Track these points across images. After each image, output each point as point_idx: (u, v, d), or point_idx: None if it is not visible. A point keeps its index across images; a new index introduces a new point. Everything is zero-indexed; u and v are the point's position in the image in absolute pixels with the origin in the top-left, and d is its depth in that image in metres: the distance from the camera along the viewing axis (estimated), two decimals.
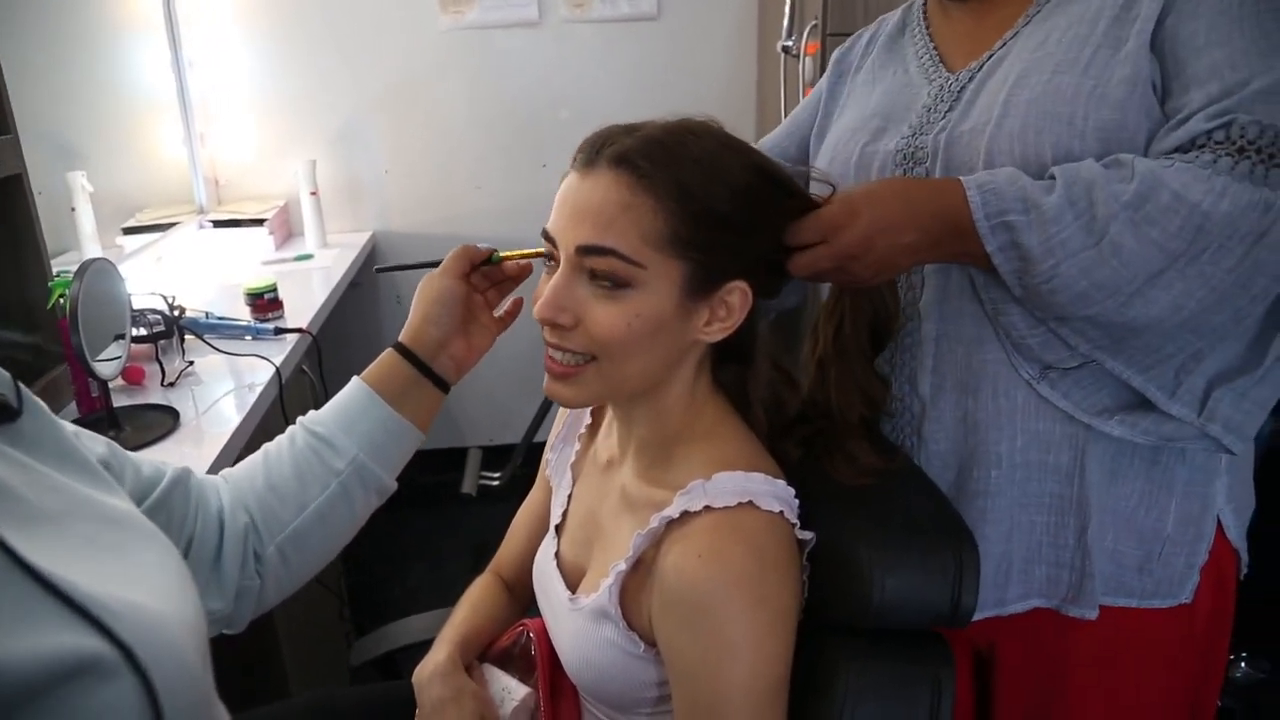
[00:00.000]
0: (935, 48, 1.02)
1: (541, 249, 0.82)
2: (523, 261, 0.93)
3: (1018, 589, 0.96)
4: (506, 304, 0.95)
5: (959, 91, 0.95)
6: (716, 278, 0.78)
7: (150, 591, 0.55)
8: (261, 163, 2.70)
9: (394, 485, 0.89)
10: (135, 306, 1.64)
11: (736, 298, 0.79)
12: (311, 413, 0.88)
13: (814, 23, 2.12)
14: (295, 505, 0.83)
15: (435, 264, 0.91)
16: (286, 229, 2.70)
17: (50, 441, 0.64)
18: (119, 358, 1.44)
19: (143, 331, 1.62)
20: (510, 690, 0.92)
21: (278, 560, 0.83)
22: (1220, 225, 0.76)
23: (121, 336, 1.49)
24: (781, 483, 0.79)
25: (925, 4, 1.07)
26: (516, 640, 0.96)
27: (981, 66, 0.95)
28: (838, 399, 0.87)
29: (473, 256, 0.91)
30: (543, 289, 0.79)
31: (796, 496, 0.80)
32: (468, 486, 2.80)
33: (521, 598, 1.04)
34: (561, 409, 1.03)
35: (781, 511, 0.76)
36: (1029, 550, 0.95)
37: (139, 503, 0.74)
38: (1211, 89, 0.80)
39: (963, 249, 0.83)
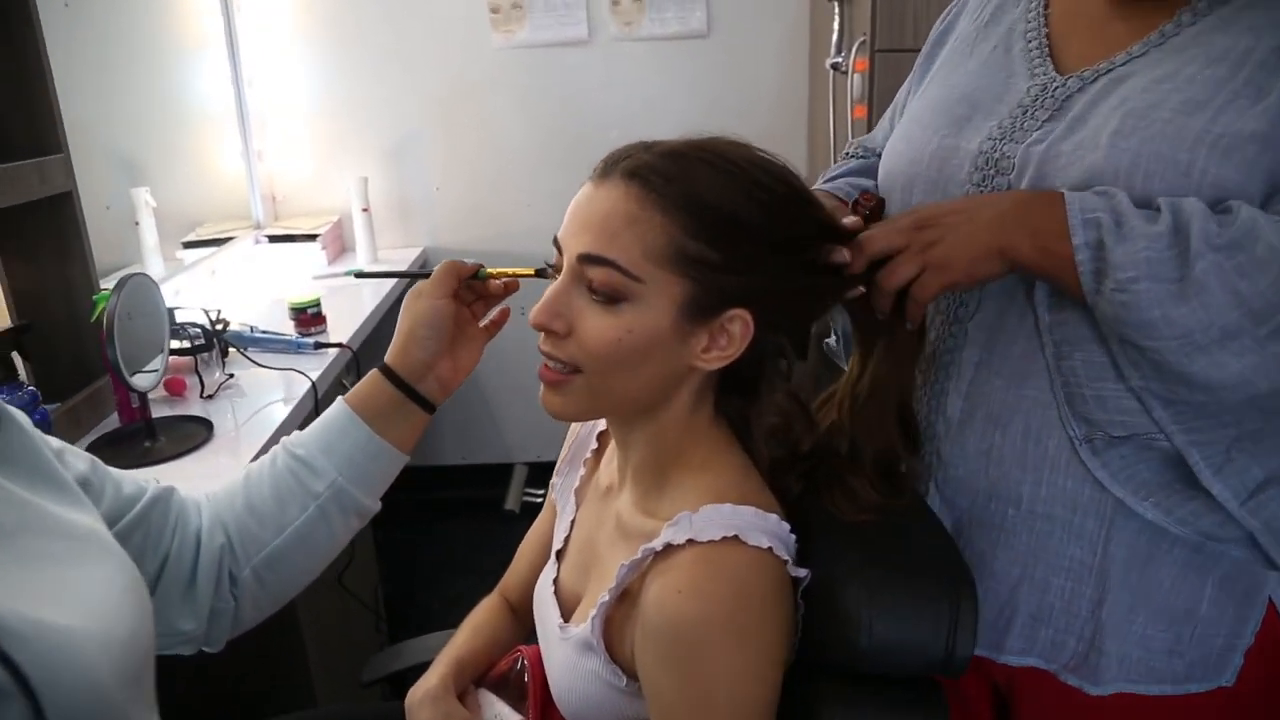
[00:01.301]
0: (1048, 34, 0.90)
1: (529, 269, 0.80)
2: (507, 281, 0.92)
3: (1019, 642, 0.89)
4: (494, 314, 0.94)
5: (1065, 100, 0.84)
6: (718, 302, 0.75)
7: (74, 609, 0.55)
8: (317, 179, 2.76)
9: (375, 507, 0.89)
10: (178, 320, 1.68)
11: (738, 326, 0.76)
12: (295, 433, 0.88)
13: (863, 39, 2.08)
14: (274, 527, 0.83)
15: (420, 274, 0.90)
16: (340, 244, 2.75)
17: (24, 457, 0.65)
18: (157, 370, 1.48)
19: (185, 344, 1.66)
20: (502, 717, 0.90)
21: (254, 583, 0.83)
22: None
23: (163, 350, 1.53)
24: (774, 517, 0.76)
25: None
26: (512, 666, 0.95)
27: (1097, 79, 0.83)
28: (866, 438, 0.83)
29: (460, 272, 0.89)
30: None
31: (793, 532, 0.77)
32: (511, 503, 2.81)
33: (526, 622, 1.03)
34: (570, 431, 1.02)
35: (770, 548, 0.73)
36: (1039, 609, 0.88)
37: (117, 519, 0.75)
38: None
39: (1040, 246, 0.76)
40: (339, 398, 0.89)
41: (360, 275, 1.04)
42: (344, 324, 2.06)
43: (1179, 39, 0.81)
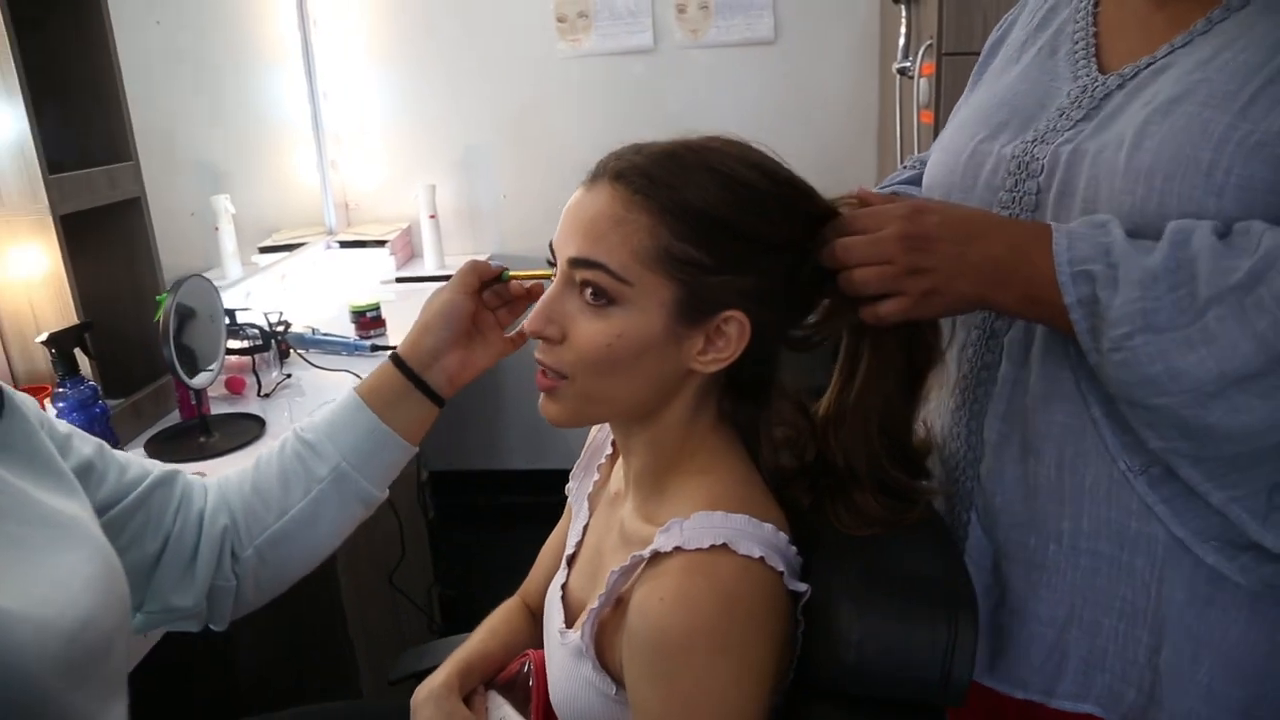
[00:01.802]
0: (1095, 35, 0.85)
1: (550, 271, 0.80)
2: (531, 284, 0.92)
3: (1071, 686, 0.83)
4: (519, 326, 0.94)
5: (1103, 99, 0.79)
6: (710, 304, 0.74)
7: (22, 595, 0.56)
8: (387, 187, 2.83)
9: (380, 495, 0.89)
10: (239, 321, 1.74)
11: (733, 328, 0.74)
12: (307, 418, 0.89)
13: (929, 42, 2.03)
14: (277, 509, 0.84)
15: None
16: (409, 251, 2.81)
17: (22, 443, 0.67)
18: (213, 369, 1.53)
19: (245, 345, 1.72)
20: (507, 718, 0.90)
21: (256, 561, 0.85)
22: None
23: (220, 349, 1.58)
24: (770, 527, 0.73)
25: None
26: (520, 669, 0.94)
27: (1136, 74, 0.78)
28: (844, 456, 0.79)
29: (482, 273, 0.89)
30: None
31: (794, 543, 0.75)
32: None
33: (542, 625, 1.03)
34: (589, 435, 1.01)
35: (762, 557, 0.70)
36: (1091, 653, 0.81)
37: (118, 500, 0.78)
38: None
39: (1030, 294, 0.71)
40: (351, 387, 0.90)
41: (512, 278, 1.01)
42: (404, 327, 2.09)
43: (1226, 24, 0.75)
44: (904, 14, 2.23)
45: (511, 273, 0.91)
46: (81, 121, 1.52)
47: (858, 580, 0.70)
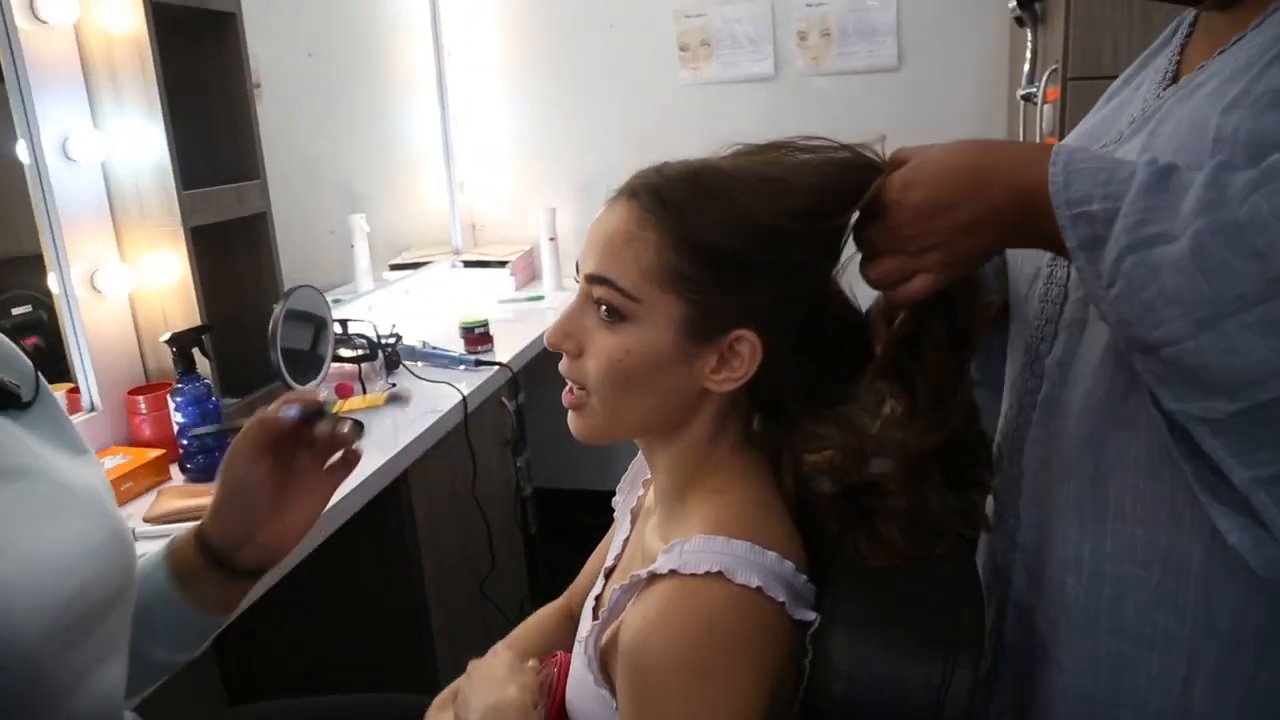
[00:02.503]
0: (1179, 58, 0.83)
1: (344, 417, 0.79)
2: (342, 431, 0.80)
3: None
4: (339, 456, 0.84)
5: (1155, 113, 0.76)
6: (720, 323, 0.73)
7: (40, 553, 0.61)
8: (511, 210, 2.93)
9: (177, 662, 0.83)
10: (351, 331, 1.84)
11: (745, 348, 0.74)
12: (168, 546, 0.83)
13: (1054, 67, 1.95)
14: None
15: (232, 429, 0.79)
16: (530, 271, 2.90)
17: (52, 422, 0.74)
18: (317, 376, 1.62)
19: (354, 354, 1.81)
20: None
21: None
22: None
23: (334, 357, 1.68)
24: (774, 555, 0.71)
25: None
26: (549, 670, 0.95)
27: (1189, 85, 0.75)
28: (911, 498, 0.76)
29: (272, 427, 0.79)
30: None
31: (810, 571, 0.73)
32: None
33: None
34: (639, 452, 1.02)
35: (760, 587, 0.69)
36: (1116, 690, 0.75)
37: None
38: None
39: (1041, 237, 0.67)
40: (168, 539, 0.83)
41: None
42: (510, 345, 2.17)
43: (1262, 26, 0.70)
44: (1029, 38, 2.15)
45: (336, 407, 0.85)
46: (216, 142, 1.65)
47: (860, 611, 0.68)
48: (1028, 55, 2.14)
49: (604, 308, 0.74)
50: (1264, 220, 0.56)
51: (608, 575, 0.95)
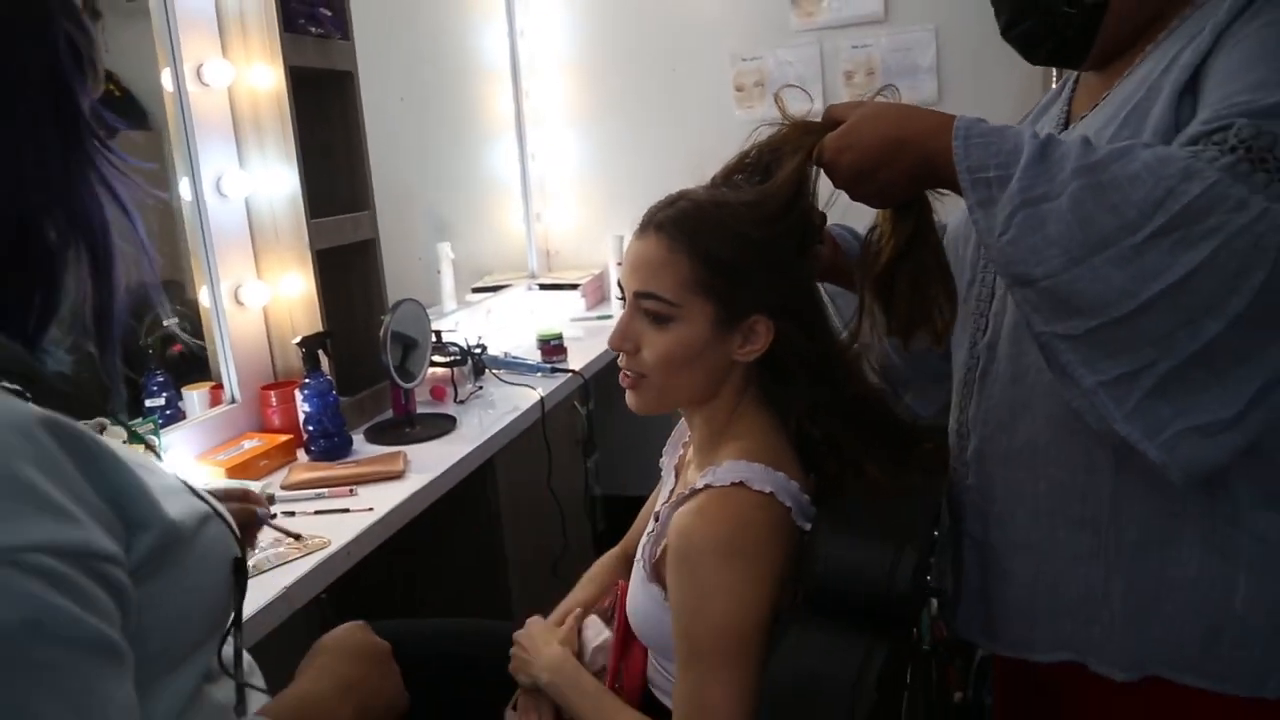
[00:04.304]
0: (1069, 107, 1.05)
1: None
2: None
3: (1046, 638, 0.98)
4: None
5: None
6: (739, 312, 0.98)
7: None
8: (582, 237, 3.22)
9: None
10: (445, 340, 2.12)
11: (761, 327, 0.99)
12: None
13: None
14: None
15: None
16: (599, 294, 3.16)
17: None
18: (418, 376, 1.90)
19: (447, 360, 2.09)
20: (600, 634, 1.15)
21: None
22: (1187, 208, 0.73)
23: (425, 360, 1.96)
24: (782, 475, 0.95)
25: None
26: (614, 597, 1.19)
27: (1073, 128, 0.99)
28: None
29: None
30: None
31: (805, 492, 0.96)
32: None
33: None
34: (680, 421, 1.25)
35: (772, 493, 0.93)
36: (1057, 602, 0.97)
37: None
38: (1219, 105, 0.80)
39: (946, 186, 0.88)
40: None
41: None
42: (582, 355, 2.43)
43: (1121, 83, 0.94)
44: (1055, 75, 2.34)
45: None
46: (335, 178, 1.95)
47: (841, 520, 0.91)
48: (1052, 86, 2.33)
49: (652, 315, 0.99)
50: (1118, 183, 0.77)
51: (657, 518, 1.19)
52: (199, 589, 0.68)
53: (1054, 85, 2.41)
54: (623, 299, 1.04)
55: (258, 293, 1.83)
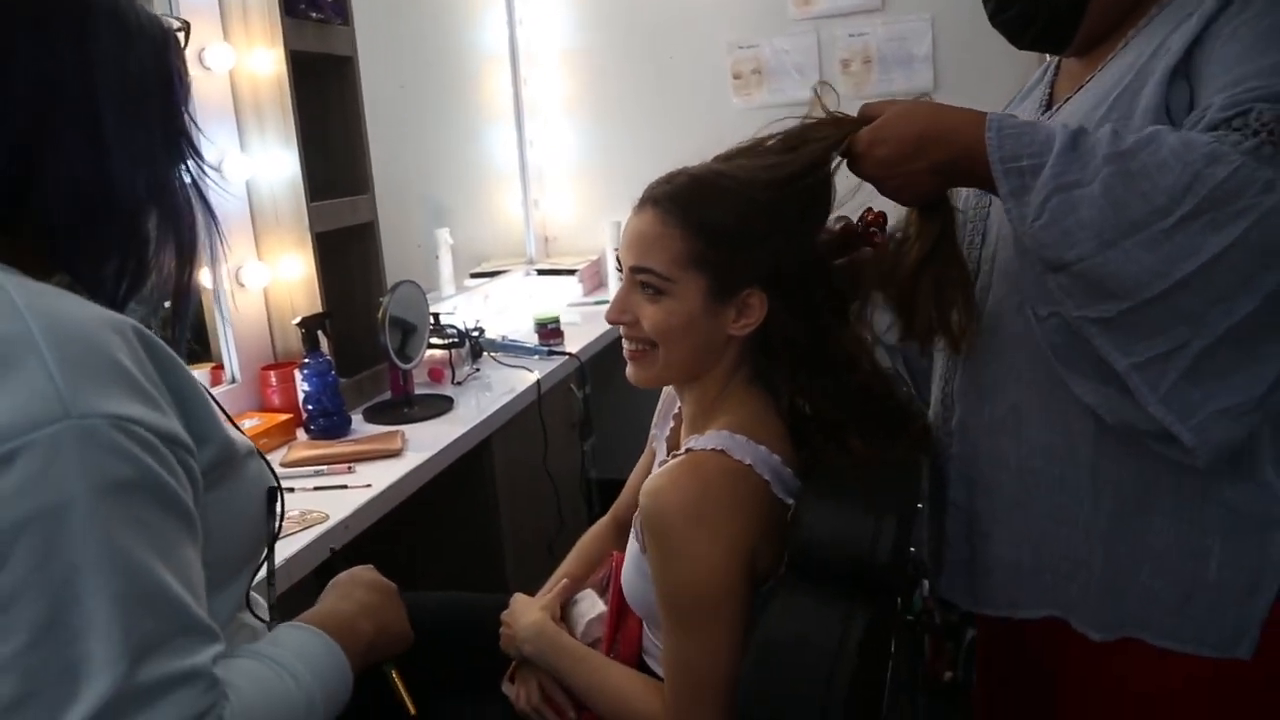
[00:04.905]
0: (1050, 90, 1.09)
1: None
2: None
3: (1029, 597, 1.02)
4: None
5: None
6: (733, 286, 1.00)
7: None
8: (580, 224, 3.24)
9: None
10: (442, 323, 2.15)
11: (755, 300, 1.01)
12: None
13: None
14: None
15: None
16: (596, 279, 3.19)
17: None
18: (416, 358, 1.93)
19: (444, 342, 2.12)
20: (595, 606, 1.18)
21: None
22: (1215, 192, 0.76)
23: (423, 342, 1.99)
24: (764, 449, 0.98)
25: None
26: (609, 569, 1.22)
27: (1058, 109, 1.02)
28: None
29: None
30: None
31: (790, 467, 0.99)
32: None
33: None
34: (663, 392, 1.28)
35: (751, 465, 0.95)
36: (1039, 561, 1.00)
37: None
38: (1234, 90, 0.82)
39: (979, 182, 0.90)
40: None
41: None
42: (579, 339, 2.46)
43: (1102, 70, 0.96)
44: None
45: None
46: (334, 161, 1.98)
47: (826, 488, 0.94)
48: None
49: (647, 288, 1.02)
50: (1147, 171, 0.80)
51: None
52: (245, 513, 0.78)
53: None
54: (621, 273, 1.07)
55: (258, 274, 1.86)
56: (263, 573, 0.82)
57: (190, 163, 0.77)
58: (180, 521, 0.64)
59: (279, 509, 0.80)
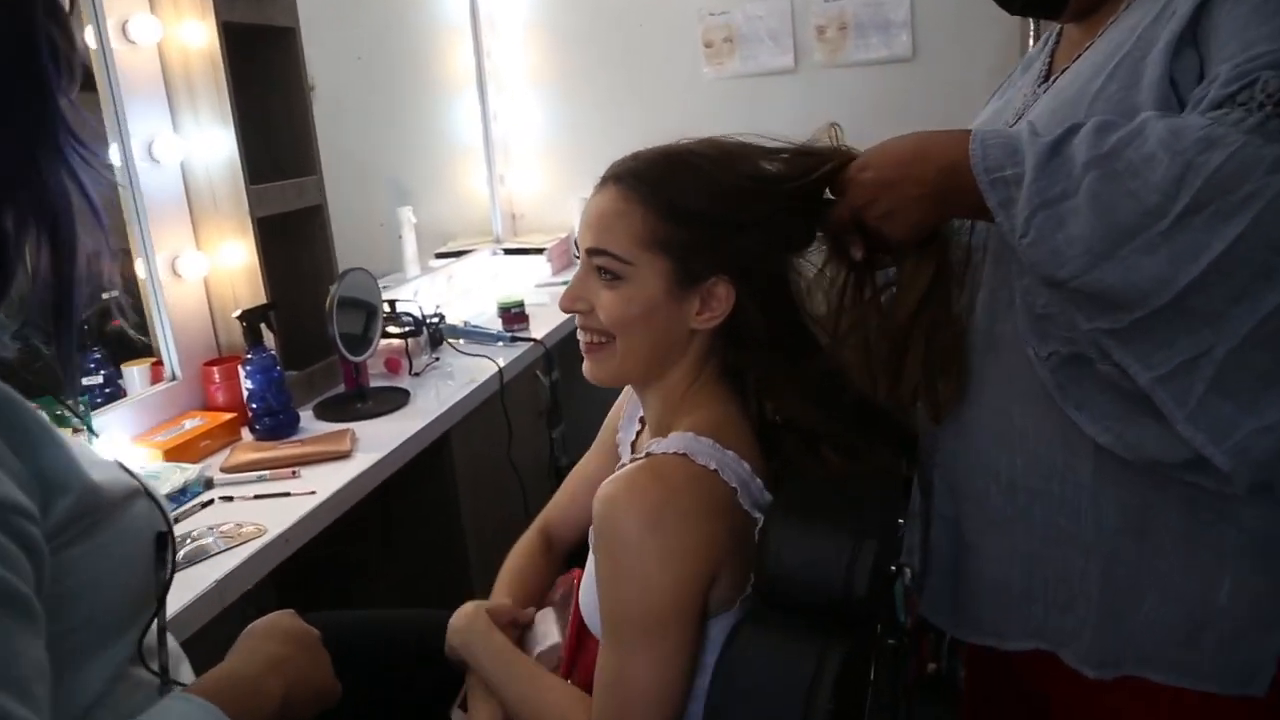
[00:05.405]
0: (1050, 60, 1.00)
1: None
2: None
3: (1018, 626, 0.93)
4: None
5: (1024, 110, 0.94)
6: (697, 272, 0.91)
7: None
8: (548, 200, 3.12)
9: None
10: (398, 310, 2.04)
11: (721, 290, 0.91)
12: None
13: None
14: None
15: None
16: (565, 258, 3.07)
17: None
18: (366, 349, 1.82)
19: (401, 331, 2.01)
20: (550, 635, 1.08)
21: None
22: (1212, 180, 0.69)
23: (382, 334, 1.88)
24: (732, 454, 0.88)
25: None
26: (569, 587, 1.12)
27: (1055, 81, 0.93)
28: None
29: None
30: None
31: (759, 477, 0.90)
32: None
33: (560, 553, 1.20)
34: (624, 393, 1.18)
35: (716, 470, 0.86)
36: (1030, 588, 0.92)
37: None
38: (1239, 59, 0.74)
39: (970, 204, 0.81)
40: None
41: None
42: (546, 322, 2.35)
43: (1105, 33, 0.88)
44: (1033, 30, 2.26)
45: None
46: (278, 141, 1.85)
47: (796, 507, 0.84)
48: (1031, 45, 2.25)
49: (605, 273, 0.92)
50: (1133, 168, 0.72)
51: None
52: (126, 561, 0.68)
53: (1031, 42, 2.35)
54: (578, 258, 0.97)
55: (196, 264, 1.74)
56: (153, 629, 0.72)
57: (71, 154, 0.63)
58: (2, 606, 0.51)
59: (169, 557, 0.70)
